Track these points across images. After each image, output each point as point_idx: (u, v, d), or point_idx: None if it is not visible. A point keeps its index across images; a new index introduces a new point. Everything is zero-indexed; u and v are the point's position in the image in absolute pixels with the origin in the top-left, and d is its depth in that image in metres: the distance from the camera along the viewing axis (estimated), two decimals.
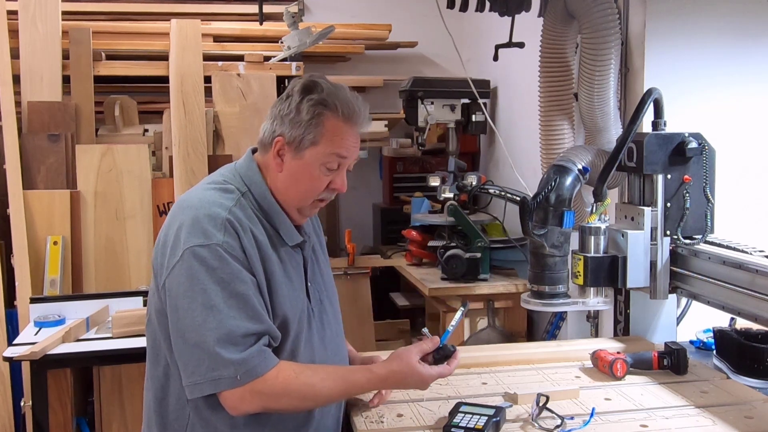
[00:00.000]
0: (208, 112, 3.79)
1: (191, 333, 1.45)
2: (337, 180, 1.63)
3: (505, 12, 2.64)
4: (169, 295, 1.49)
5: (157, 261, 1.56)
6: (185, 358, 1.47)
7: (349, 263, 3.65)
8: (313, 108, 1.56)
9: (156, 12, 4.11)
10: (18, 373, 3.25)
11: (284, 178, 1.61)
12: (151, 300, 1.60)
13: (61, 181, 3.55)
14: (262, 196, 1.61)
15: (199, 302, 1.45)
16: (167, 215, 1.60)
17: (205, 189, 1.60)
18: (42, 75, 3.65)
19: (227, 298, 1.46)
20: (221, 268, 1.47)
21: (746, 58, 2.43)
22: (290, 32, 3.41)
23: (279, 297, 1.56)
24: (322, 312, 1.70)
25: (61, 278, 3.35)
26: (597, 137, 2.46)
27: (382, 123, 4.15)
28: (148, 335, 1.62)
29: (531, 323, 3.46)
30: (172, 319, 1.49)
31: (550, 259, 2.18)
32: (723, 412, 1.64)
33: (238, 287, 1.47)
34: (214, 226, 1.49)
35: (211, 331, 1.44)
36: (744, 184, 2.43)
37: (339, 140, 1.58)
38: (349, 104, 1.59)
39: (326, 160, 1.58)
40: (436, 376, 1.61)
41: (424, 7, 3.92)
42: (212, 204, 1.53)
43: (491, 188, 3.24)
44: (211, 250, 1.47)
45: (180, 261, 1.47)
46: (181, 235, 1.49)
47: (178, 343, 1.48)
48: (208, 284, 1.46)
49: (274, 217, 1.61)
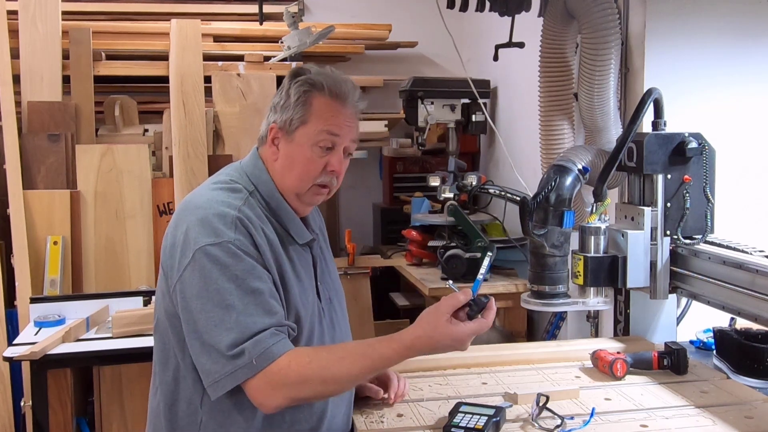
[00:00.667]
0: (208, 112, 3.79)
1: (208, 335, 1.42)
2: (333, 161, 1.58)
3: (505, 12, 2.64)
4: (182, 297, 1.46)
5: (166, 264, 1.53)
6: (203, 359, 1.43)
7: (349, 263, 3.65)
8: (300, 88, 1.56)
9: (156, 12, 4.11)
10: (18, 373, 3.25)
11: (280, 164, 1.59)
12: (160, 303, 1.57)
13: (61, 181, 3.55)
14: (270, 195, 1.59)
15: (214, 303, 1.42)
16: (172, 217, 1.57)
17: (211, 189, 1.57)
18: (42, 75, 3.65)
19: (243, 295, 1.43)
20: (234, 265, 1.44)
21: (746, 58, 2.43)
22: (290, 32, 3.41)
23: (292, 296, 1.54)
24: (331, 311, 1.68)
25: (61, 278, 3.35)
26: (597, 137, 2.46)
27: (382, 123, 4.15)
28: (157, 339, 1.59)
29: (531, 323, 3.46)
30: (187, 321, 1.46)
31: (550, 259, 2.18)
32: (723, 412, 1.64)
33: (253, 283, 1.45)
34: (225, 224, 1.47)
35: (228, 331, 1.41)
36: (744, 184, 2.43)
37: (328, 117, 1.55)
38: (337, 83, 1.57)
39: (318, 138, 1.55)
40: (472, 333, 1.47)
41: (424, 7, 3.92)
42: (220, 203, 1.51)
43: (491, 188, 3.24)
44: (223, 248, 1.45)
45: (192, 262, 1.45)
46: (191, 236, 1.47)
47: (194, 345, 1.45)
48: (222, 283, 1.43)
49: (282, 216, 1.59)
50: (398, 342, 1.46)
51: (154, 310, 1.60)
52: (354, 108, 1.60)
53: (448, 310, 1.46)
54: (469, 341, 1.47)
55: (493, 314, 1.50)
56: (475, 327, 1.47)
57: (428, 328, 1.45)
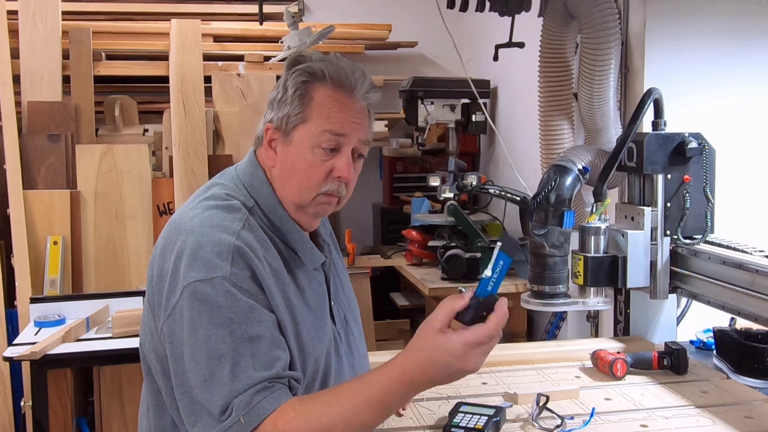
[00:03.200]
0: (208, 112, 3.80)
1: (198, 390, 1.21)
2: (339, 165, 1.33)
3: (505, 12, 2.64)
4: (170, 342, 1.26)
5: (153, 299, 1.32)
6: (194, 418, 1.23)
7: (349, 263, 3.65)
8: (297, 78, 1.32)
9: (156, 12, 4.11)
10: (18, 373, 3.25)
11: (278, 171, 1.36)
12: (147, 339, 1.36)
13: (61, 181, 3.55)
14: (273, 211, 1.36)
15: (204, 352, 1.21)
16: (159, 238, 1.35)
17: (205, 208, 1.32)
18: (42, 75, 3.65)
19: (237, 344, 1.21)
20: (228, 307, 1.22)
21: (746, 58, 2.43)
22: (290, 32, 3.42)
23: (303, 333, 1.32)
24: (348, 333, 1.49)
25: (61, 278, 3.35)
26: (597, 137, 2.46)
27: (382, 123, 4.15)
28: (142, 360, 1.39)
29: (531, 323, 3.46)
30: (176, 372, 1.25)
31: (550, 259, 2.18)
32: (723, 412, 1.64)
33: (250, 329, 1.22)
34: (219, 256, 1.24)
35: (220, 389, 1.19)
36: (744, 184, 2.43)
37: (331, 113, 1.31)
38: (342, 71, 1.33)
39: (319, 140, 1.31)
40: (471, 344, 1.15)
41: (424, 7, 3.92)
42: (216, 228, 1.27)
43: (491, 188, 3.24)
44: (216, 285, 1.22)
45: (179, 301, 1.24)
46: (180, 268, 1.25)
47: (183, 401, 1.24)
48: (212, 329, 1.21)
49: (288, 235, 1.37)
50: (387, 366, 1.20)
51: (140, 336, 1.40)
52: (363, 101, 1.36)
53: (441, 317, 1.18)
54: (472, 356, 1.16)
55: (498, 318, 1.19)
56: (468, 335, 1.15)
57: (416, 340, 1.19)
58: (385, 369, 1.20)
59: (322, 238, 1.50)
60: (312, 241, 1.45)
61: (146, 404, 1.42)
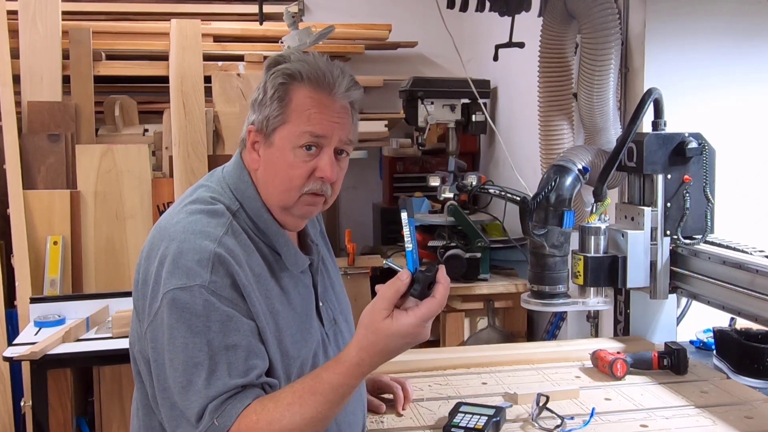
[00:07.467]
0: (208, 112, 3.79)
1: (178, 396, 1.24)
2: (321, 164, 1.33)
3: (505, 12, 2.64)
4: (152, 348, 1.29)
5: (138, 304, 1.34)
6: (174, 423, 1.27)
7: (349, 263, 3.64)
8: (275, 80, 1.34)
9: (156, 12, 4.11)
10: (18, 373, 3.25)
11: (262, 173, 1.37)
12: (134, 338, 1.40)
13: (61, 181, 3.55)
14: (258, 215, 1.37)
15: (182, 359, 1.23)
16: (145, 242, 1.36)
17: (190, 213, 1.33)
18: (42, 75, 3.65)
19: (214, 353, 1.23)
20: (206, 315, 1.24)
21: (746, 58, 2.43)
22: (290, 32, 3.41)
23: (286, 338, 1.34)
24: (337, 333, 1.50)
25: (61, 278, 3.35)
26: (597, 137, 2.46)
27: (382, 123, 4.14)
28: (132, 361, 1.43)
29: (531, 323, 3.46)
30: (158, 377, 1.28)
31: (550, 259, 2.18)
32: (723, 412, 1.64)
33: (227, 338, 1.24)
34: (199, 263, 1.25)
35: (197, 395, 1.22)
36: (744, 184, 2.43)
37: (311, 115, 1.32)
38: (319, 71, 1.33)
39: (300, 141, 1.32)
40: (421, 322, 1.20)
41: (424, 7, 3.91)
42: (198, 234, 1.28)
43: (491, 188, 3.24)
44: (194, 294, 1.23)
45: (160, 307, 1.26)
46: (162, 274, 1.26)
47: (164, 405, 1.28)
48: (189, 337, 1.23)
49: (273, 239, 1.38)
50: (344, 363, 1.23)
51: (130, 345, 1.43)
52: (344, 99, 1.36)
53: (386, 304, 1.21)
54: (424, 330, 1.21)
55: (445, 288, 1.22)
56: (423, 312, 1.20)
57: (368, 334, 1.22)
58: (340, 365, 1.24)
59: (310, 238, 1.50)
60: (300, 242, 1.48)
61: (137, 404, 1.44)
